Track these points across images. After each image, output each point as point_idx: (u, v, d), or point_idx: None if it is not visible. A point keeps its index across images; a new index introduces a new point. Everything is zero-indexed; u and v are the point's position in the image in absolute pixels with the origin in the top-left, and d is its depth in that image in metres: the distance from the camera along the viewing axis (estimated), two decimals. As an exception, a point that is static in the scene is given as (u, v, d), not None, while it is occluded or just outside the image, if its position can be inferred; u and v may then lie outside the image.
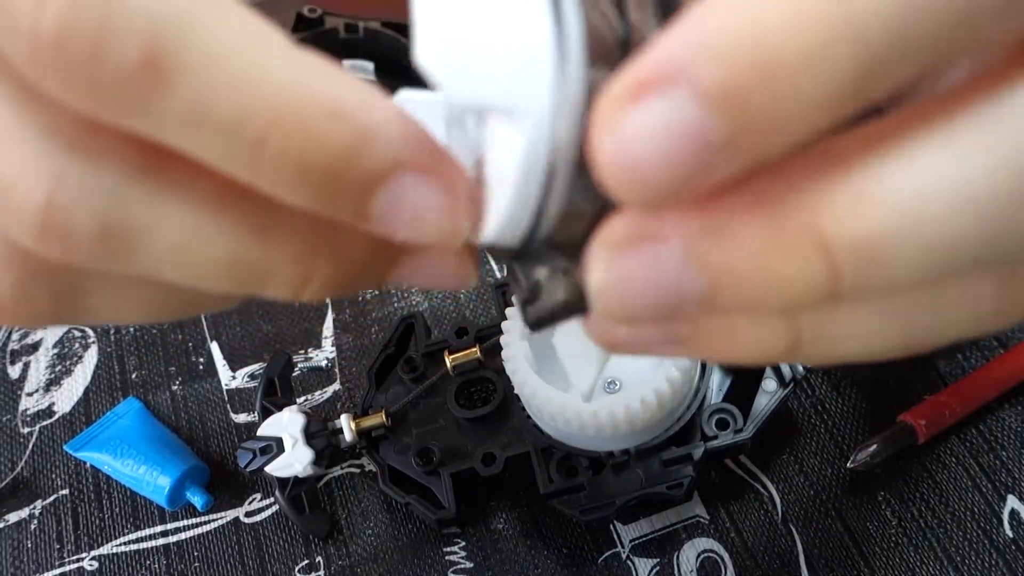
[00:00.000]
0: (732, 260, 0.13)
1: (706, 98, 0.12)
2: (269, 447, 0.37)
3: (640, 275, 0.14)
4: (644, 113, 0.12)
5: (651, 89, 0.12)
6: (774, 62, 0.11)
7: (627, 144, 0.12)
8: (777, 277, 0.13)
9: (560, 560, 0.37)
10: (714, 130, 0.12)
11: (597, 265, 0.14)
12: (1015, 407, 0.39)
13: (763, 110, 0.12)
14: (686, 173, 0.12)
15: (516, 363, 0.34)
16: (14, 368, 0.45)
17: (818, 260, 0.13)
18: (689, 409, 0.35)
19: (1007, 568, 0.35)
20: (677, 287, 0.14)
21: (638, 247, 0.14)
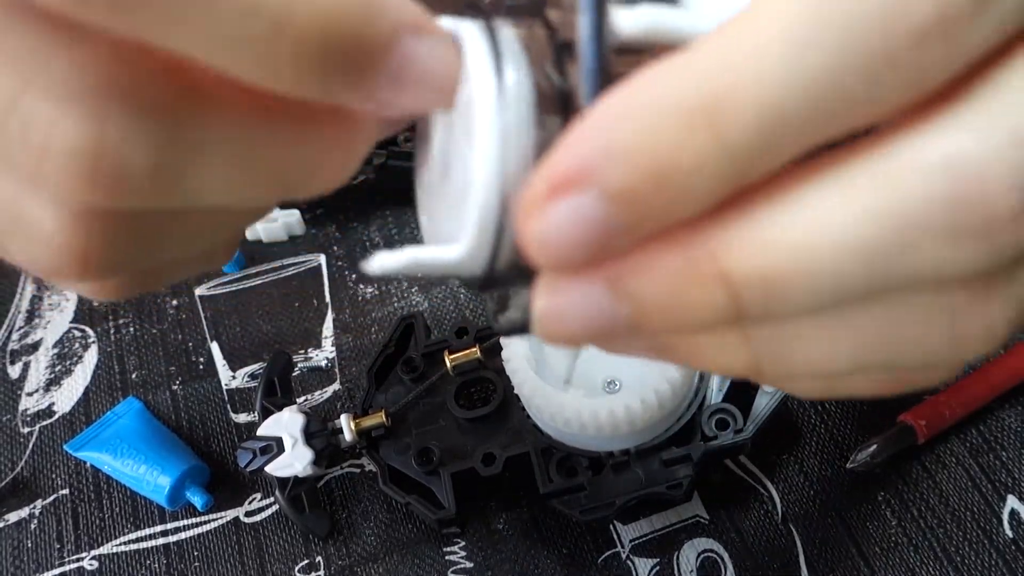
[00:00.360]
0: (649, 291, 0.16)
1: (610, 197, 0.14)
2: (269, 447, 0.37)
3: (570, 308, 0.16)
4: (559, 209, 0.15)
5: (564, 189, 0.15)
6: (665, 168, 0.14)
7: (545, 232, 0.15)
8: (689, 304, 0.16)
9: (560, 560, 0.37)
10: (616, 220, 0.15)
11: (537, 299, 0.17)
12: (1015, 407, 0.39)
13: (657, 203, 0.15)
14: (593, 251, 0.15)
15: (516, 363, 0.34)
16: (14, 368, 0.45)
17: (720, 291, 0.15)
18: (689, 409, 0.35)
19: (1007, 568, 0.35)
20: (606, 316, 0.16)
21: (568, 283, 0.16)
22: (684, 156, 0.14)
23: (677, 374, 0.33)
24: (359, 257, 0.47)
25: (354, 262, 0.47)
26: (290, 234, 0.48)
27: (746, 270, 0.15)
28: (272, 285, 0.46)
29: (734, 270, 0.15)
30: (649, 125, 0.14)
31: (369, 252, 0.47)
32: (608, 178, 0.14)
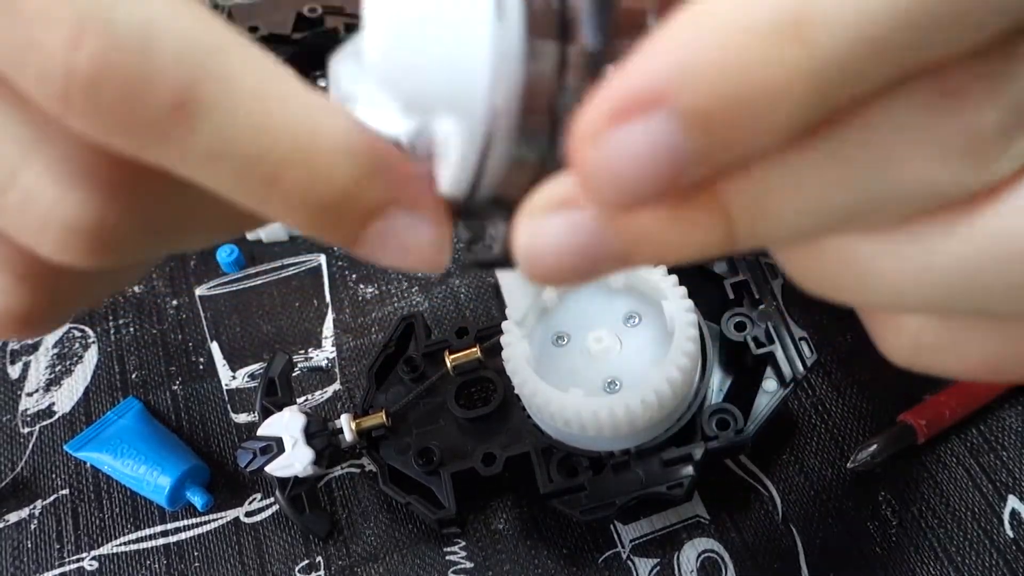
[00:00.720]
0: (643, 221, 0.15)
1: (685, 122, 0.13)
2: (269, 447, 0.37)
3: (558, 238, 0.15)
4: (626, 134, 0.13)
5: (631, 113, 0.13)
6: (750, 88, 0.13)
7: (608, 160, 0.13)
8: (687, 237, 0.15)
9: (560, 560, 0.37)
10: (691, 149, 0.13)
11: (521, 230, 0.15)
12: (1015, 407, 0.39)
13: (737, 130, 0.13)
14: (658, 185, 0.13)
15: (516, 363, 0.34)
16: (14, 368, 0.45)
17: (718, 215, 0.14)
18: (689, 409, 0.35)
19: (1007, 568, 0.35)
20: (594, 247, 0.15)
21: (558, 212, 0.15)
22: (772, 74, 0.13)
23: (678, 374, 0.33)
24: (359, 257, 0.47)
25: (355, 262, 0.47)
26: (290, 234, 0.48)
27: (738, 183, 0.14)
28: (272, 285, 0.46)
29: (724, 186, 0.14)
30: (732, 38, 0.13)
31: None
32: (684, 100, 0.13)
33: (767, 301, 0.37)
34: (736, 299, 0.38)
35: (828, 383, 0.40)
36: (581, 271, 0.15)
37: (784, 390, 0.36)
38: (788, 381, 0.36)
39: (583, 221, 0.15)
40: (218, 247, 0.47)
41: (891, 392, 0.40)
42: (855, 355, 0.41)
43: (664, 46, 0.13)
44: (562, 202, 0.15)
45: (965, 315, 0.16)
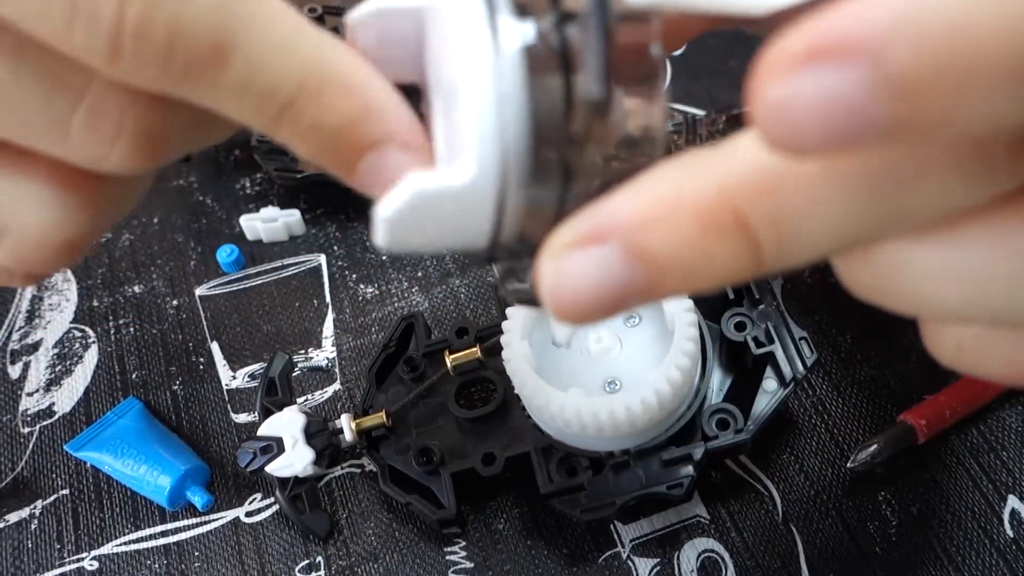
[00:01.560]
0: (666, 247, 0.15)
1: (884, 80, 0.11)
2: (269, 447, 0.37)
3: (583, 275, 0.15)
4: (816, 76, 0.12)
5: (829, 57, 0.12)
6: (966, 71, 0.11)
7: (790, 100, 0.12)
8: (709, 256, 0.15)
9: (560, 560, 0.37)
10: (880, 115, 0.12)
11: (544, 270, 0.16)
12: (1015, 407, 0.39)
13: (929, 113, 0.12)
14: (835, 142, 0.12)
15: (516, 363, 0.34)
16: (14, 368, 0.45)
17: (741, 238, 0.14)
18: (689, 409, 0.35)
19: (1007, 568, 0.35)
20: (620, 281, 0.15)
21: (580, 248, 0.15)
22: (1001, 58, 0.11)
23: (678, 374, 0.33)
24: (359, 257, 0.47)
25: (355, 262, 0.47)
26: (290, 234, 0.48)
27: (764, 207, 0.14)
28: (272, 285, 0.46)
29: (749, 212, 0.14)
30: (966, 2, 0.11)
31: (369, 252, 0.47)
32: (891, 57, 0.11)
33: (767, 301, 0.37)
34: (736, 299, 0.38)
35: (828, 383, 0.40)
36: (608, 306, 0.15)
37: (784, 390, 0.36)
38: (788, 381, 0.36)
39: (607, 255, 0.15)
40: (218, 247, 0.47)
41: (891, 392, 0.40)
42: (855, 355, 0.41)
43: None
44: (584, 239, 0.15)
45: (1005, 324, 0.16)
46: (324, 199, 0.49)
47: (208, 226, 0.49)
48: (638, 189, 0.15)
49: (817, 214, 0.14)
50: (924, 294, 0.15)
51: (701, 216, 0.15)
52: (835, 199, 0.14)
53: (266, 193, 0.50)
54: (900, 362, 0.40)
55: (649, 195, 0.15)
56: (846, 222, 0.14)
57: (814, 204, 0.14)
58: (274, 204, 0.48)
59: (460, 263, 0.46)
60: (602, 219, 0.15)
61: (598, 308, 0.15)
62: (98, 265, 0.48)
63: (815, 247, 0.15)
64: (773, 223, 0.14)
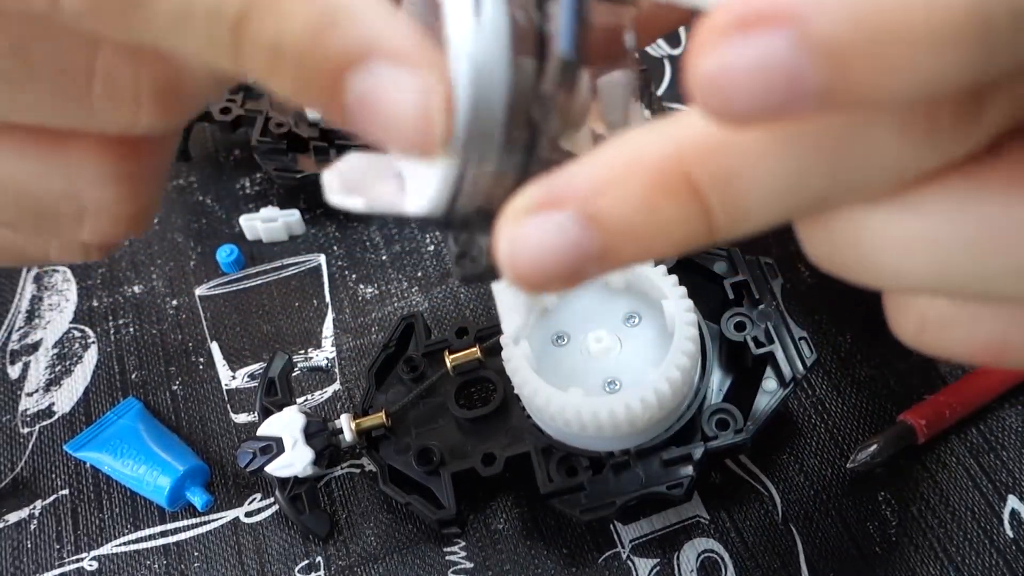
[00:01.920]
0: (618, 211, 0.15)
1: (812, 48, 0.12)
2: (269, 447, 0.37)
3: (540, 240, 0.15)
4: (747, 45, 0.12)
5: (758, 25, 0.12)
6: (894, 35, 0.11)
7: (723, 71, 0.12)
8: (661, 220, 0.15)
9: (560, 560, 0.37)
10: (810, 78, 0.12)
11: (502, 235, 0.15)
12: (1015, 407, 0.39)
13: (861, 77, 0.12)
14: (771, 107, 0.12)
15: (516, 363, 0.34)
16: (14, 368, 0.45)
17: (692, 201, 0.14)
18: (689, 409, 0.35)
19: (1007, 568, 0.35)
20: (576, 246, 0.15)
21: (537, 214, 0.15)
22: (927, 19, 0.11)
23: (678, 374, 0.33)
24: (359, 257, 0.47)
25: (354, 262, 0.47)
26: (290, 234, 0.48)
27: (712, 170, 0.14)
28: (272, 285, 0.46)
29: (698, 175, 0.14)
30: None
31: (369, 252, 0.47)
32: (816, 22, 0.12)
33: (767, 301, 0.37)
34: (736, 299, 0.38)
35: (828, 383, 0.40)
36: (565, 273, 0.15)
37: (784, 390, 0.36)
38: (788, 381, 0.36)
39: (563, 221, 0.15)
40: (218, 247, 0.47)
41: (891, 392, 0.40)
42: (855, 355, 0.41)
43: None
44: (542, 204, 0.15)
45: (968, 296, 0.16)
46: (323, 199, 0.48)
47: (208, 226, 0.49)
48: (594, 156, 0.15)
49: (763, 176, 0.14)
50: (883, 263, 0.15)
51: (651, 180, 0.15)
52: (780, 161, 0.14)
53: (266, 193, 0.50)
54: (900, 362, 0.40)
55: (603, 161, 0.15)
56: (793, 184, 0.14)
57: (759, 166, 0.14)
58: (274, 204, 0.48)
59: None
60: (559, 185, 0.15)
61: (556, 275, 0.15)
62: (98, 265, 0.48)
63: (765, 211, 0.15)
64: (721, 185, 0.14)
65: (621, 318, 0.37)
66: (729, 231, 0.15)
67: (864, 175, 0.14)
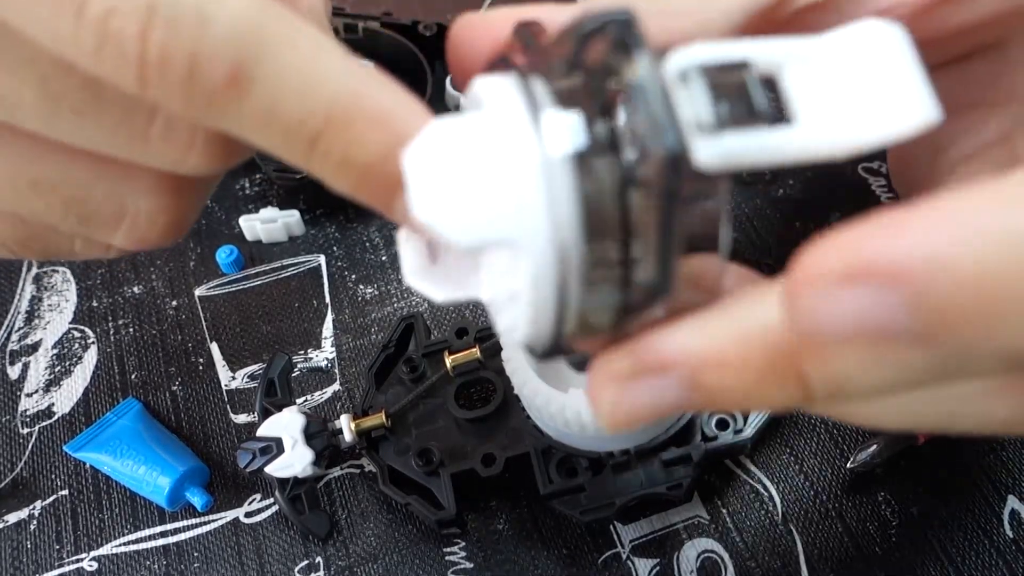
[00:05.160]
0: (728, 385, 0.16)
1: (915, 307, 0.14)
2: (269, 447, 0.37)
3: (641, 402, 0.17)
4: (853, 296, 0.14)
5: (867, 280, 0.14)
6: (995, 300, 0.13)
7: (822, 312, 0.14)
8: (763, 396, 0.16)
9: (560, 560, 0.37)
10: (905, 330, 0.14)
11: (604, 396, 0.17)
12: (1015, 407, 0.39)
13: (959, 333, 0.14)
14: (852, 341, 0.14)
15: (516, 364, 0.34)
16: (13, 369, 0.45)
17: (796, 388, 0.16)
18: (689, 409, 0.35)
19: (1007, 568, 0.35)
20: (676, 405, 0.17)
21: (641, 379, 0.17)
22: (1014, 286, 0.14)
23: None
24: (358, 258, 0.47)
25: (354, 262, 0.47)
26: (290, 234, 0.48)
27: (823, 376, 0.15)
28: (272, 286, 0.46)
29: (812, 375, 0.15)
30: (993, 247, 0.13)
31: (369, 252, 0.47)
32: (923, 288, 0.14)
33: (767, 301, 0.37)
34: (736, 299, 0.38)
35: (828, 383, 0.40)
36: (660, 417, 0.17)
37: (784, 390, 0.36)
38: (788, 381, 0.36)
39: (667, 385, 0.16)
40: (217, 248, 0.47)
41: (891, 392, 0.40)
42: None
43: (921, 228, 0.14)
44: (646, 370, 0.17)
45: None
46: (323, 199, 0.48)
47: (207, 227, 0.49)
48: (703, 327, 0.16)
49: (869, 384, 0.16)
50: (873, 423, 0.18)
51: (765, 368, 0.16)
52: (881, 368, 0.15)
53: (265, 194, 0.49)
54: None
55: (712, 334, 0.16)
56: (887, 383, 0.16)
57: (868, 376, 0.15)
58: (273, 205, 0.48)
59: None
60: (665, 351, 0.16)
61: (648, 420, 0.17)
62: (97, 266, 0.48)
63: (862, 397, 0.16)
64: (831, 386, 0.16)
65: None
66: (825, 408, 0.17)
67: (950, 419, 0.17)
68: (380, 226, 0.48)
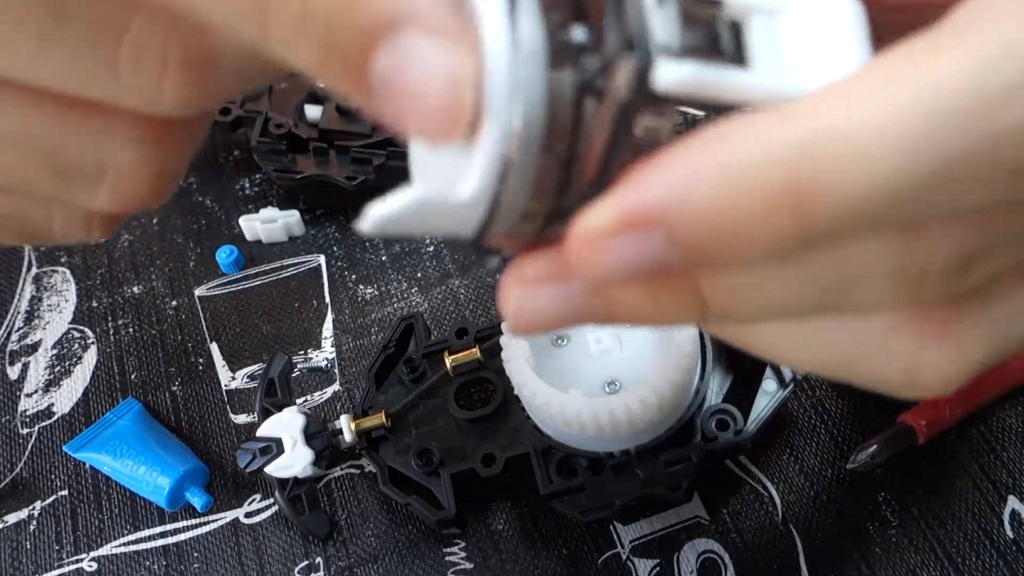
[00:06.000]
0: (631, 299, 0.16)
1: (674, 243, 0.15)
2: (269, 448, 0.37)
3: (546, 306, 0.17)
4: (621, 243, 0.15)
5: (632, 229, 0.15)
6: (736, 238, 0.14)
7: (602, 263, 0.15)
8: (662, 310, 0.17)
9: (560, 561, 0.37)
10: (671, 260, 0.15)
11: (510, 296, 0.17)
12: (1015, 407, 0.39)
13: (715, 256, 0.15)
14: (636, 276, 0.15)
15: (516, 364, 0.34)
16: (13, 369, 0.45)
17: (691, 299, 0.16)
18: (689, 410, 0.35)
19: (1007, 569, 0.35)
20: (579, 314, 0.17)
21: (546, 284, 0.17)
22: (758, 225, 0.14)
23: (677, 375, 0.33)
24: (358, 258, 0.47)
25: (354, 262, 0.47)
26: (290, 235, 0.48)
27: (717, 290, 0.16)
28: (272, 286, 0.46)
29: (707, 292, 0.16)
30: (734, 183, 0.14)
31: (369, 252, 0.47)
32: (678, 226, 0.14)
33: (767, 301, 0.37)
34: (736, 299, 0.37)
35: (828, 383, 0.40)
36: (562, 326, 0.18)
37: (784, 390, 0.36)
38: (788, 381, 0.36)
39: (571, 294, 0.17)
40: (217, 248, 0.47)
41: (891, 392, 0.40)
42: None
43: (673, 171, 0.14)
44: (551, 275, 0.17)
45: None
46: (323, 200, 0.48)
47: (207, 227, 0.49)
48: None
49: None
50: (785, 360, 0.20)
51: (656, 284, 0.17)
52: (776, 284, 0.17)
53: (265, 194, 0.49)
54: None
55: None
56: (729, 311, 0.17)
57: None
58: (273, 205, 0.48)
59: (460, 264, 0.46)
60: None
61: (551, 328, 0.18)
62: (97, 266, 0.48)
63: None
64: (723, 300, 0.17)
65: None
66: (715, 327, 0.19)
67: (847, 306, 0.16)
68: (380, 226, 0.48)
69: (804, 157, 0.14)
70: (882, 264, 0.15)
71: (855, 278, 0.16)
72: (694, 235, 0.14)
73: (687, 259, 0.15)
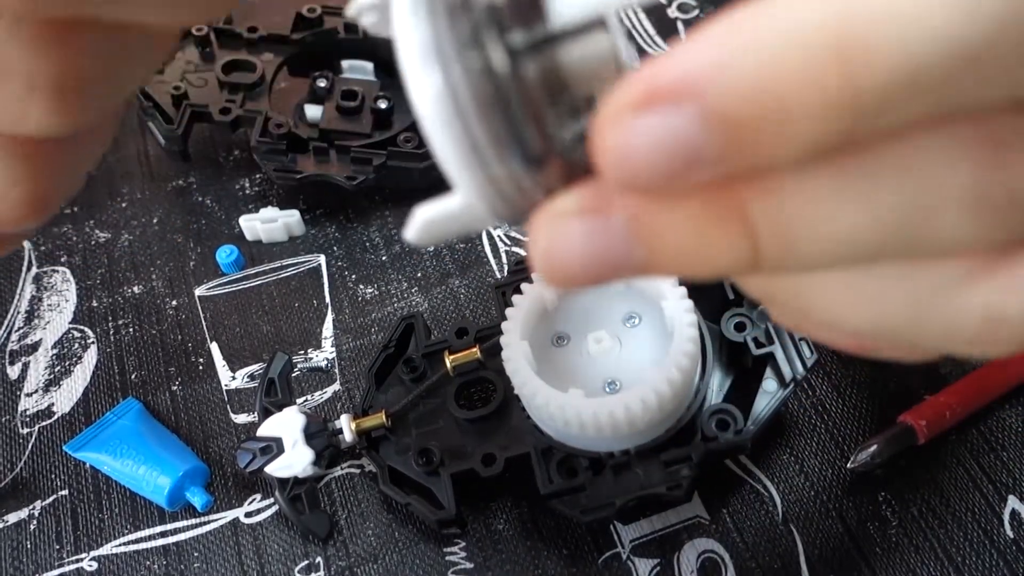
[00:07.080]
0: (669, 231, 0.14)
1: (709, 120, 0.13)
2: (269, 447, 0.37)
3: (580, 242, 0.15)
4: (649, 121, 0.13)
5: (659, 101, 0.13)
6: (780, 101, 0.12)
7: (627, 146, 0.13)
8: (708, 254, 0.14)
9: (560, 560, 0.37)
10: (709, 148, 0.13)
11: (540, 233, 0.15)
12: (1015, 407, 0.39)
13: (758, 139, 0.13)
14: (673, 177, 0.13)
15: (516, 363, 0.34)
16: (13, 368, 0.45)
17: (744, 241, 0.14)
18: (689, 410, 0.35)
19: (1008, 569, 0.35)
20: (616, 257, 0.15)
21: (580, 218, 0.15)
22: (805, 94, 0.12)
23: (678, 374, 0.33)
24: (358, 258, 0.47)
25: (354, 262, 0.47)
26: (290, 234, 0.48)
27: (771, 222, 0.14)
28: (272, 285, 0.46)
29: (760, 223, 0.14)
30: (774, 49, 0.12)
31: (369, 252, 0.47)
32: (713, 98, 0.13)
33: (767, 301, 0.37)
34: (736, 299, 0.38)
35: (828, 383, 0.40)
36: (598, 276, 0.15)
37: (784, 390, 0.36)
38: (788, 381, 0.36)
39: (607, 227, 0.15)
40: (217, 248, 0.47)
41: (891, 392, 0.40)
42: (855, 355, 0.41)
43: (705, 42, 0.13)
44: (585, 208, 0.15)
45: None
46: (323, 200, 0.48)
47: (207, 227, 0.49)
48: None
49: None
50: (838, 320, 0.17)
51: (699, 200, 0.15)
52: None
53: (265, 193, 0.49)
54: (900, 362, 0.40)
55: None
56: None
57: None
58: (273, 204, 0.48)
59: (460, 264, 0.46)
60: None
61: (587, 276, 0.15)
62: (97, 265, 0.48)
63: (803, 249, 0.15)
64: (776, 227, 0.15)
65: (621, 319, 0.37)
66: (773, 267, 0.15)
67: (925, 240, 0.14)
68: (380, 226, 0.48)
69: (853, 12, 0.12)
70: (961, 183, 0.13)
71: (932, 203, 0.14)
72: (730, 108, 0.12)
73: (726, 150, 0.13)
